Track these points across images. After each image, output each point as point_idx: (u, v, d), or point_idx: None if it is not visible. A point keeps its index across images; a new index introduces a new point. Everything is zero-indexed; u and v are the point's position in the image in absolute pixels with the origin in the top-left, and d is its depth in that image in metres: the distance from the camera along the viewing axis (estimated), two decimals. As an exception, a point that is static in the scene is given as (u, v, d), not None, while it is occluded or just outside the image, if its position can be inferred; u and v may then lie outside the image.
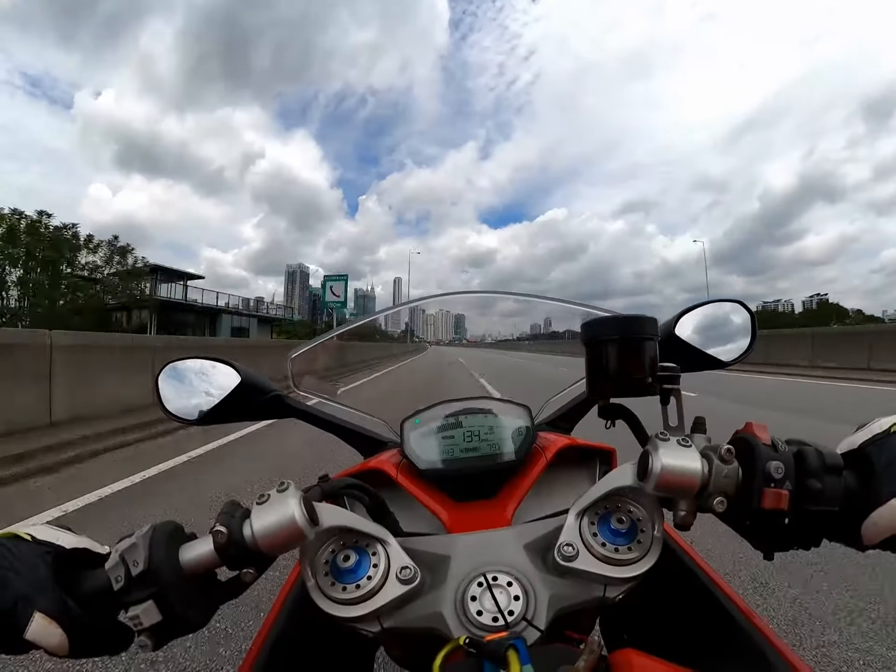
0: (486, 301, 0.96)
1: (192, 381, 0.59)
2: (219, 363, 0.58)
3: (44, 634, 0.27)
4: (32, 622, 0.27)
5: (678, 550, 0.47)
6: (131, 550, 0.30)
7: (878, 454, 0.30)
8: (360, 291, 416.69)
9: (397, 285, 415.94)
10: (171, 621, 0.29)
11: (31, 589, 0.28)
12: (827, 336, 11.20)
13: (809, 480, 0.30)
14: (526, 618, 0.33)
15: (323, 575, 0.35)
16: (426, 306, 0.87)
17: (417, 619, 0.34)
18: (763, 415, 4.61)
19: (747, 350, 0.59)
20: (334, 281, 24.49)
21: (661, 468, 0.31)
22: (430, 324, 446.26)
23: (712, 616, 0.42)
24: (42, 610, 0.27)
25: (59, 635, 0.28)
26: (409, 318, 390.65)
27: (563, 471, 0.54)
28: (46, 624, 0.27)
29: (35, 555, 0.29)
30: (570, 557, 0.35)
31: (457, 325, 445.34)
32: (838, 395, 6.36)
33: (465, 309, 12.31)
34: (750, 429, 0.33)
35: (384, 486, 0.50)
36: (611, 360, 0.38)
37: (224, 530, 0.31)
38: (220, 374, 0.58)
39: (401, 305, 0.77)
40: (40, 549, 0.29)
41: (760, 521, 0.31)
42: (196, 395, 0.58)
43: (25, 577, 0.28)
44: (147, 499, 2.64)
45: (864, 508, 0.30)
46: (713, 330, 0.59)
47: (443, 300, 0.74)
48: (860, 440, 0.32)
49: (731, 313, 0.60)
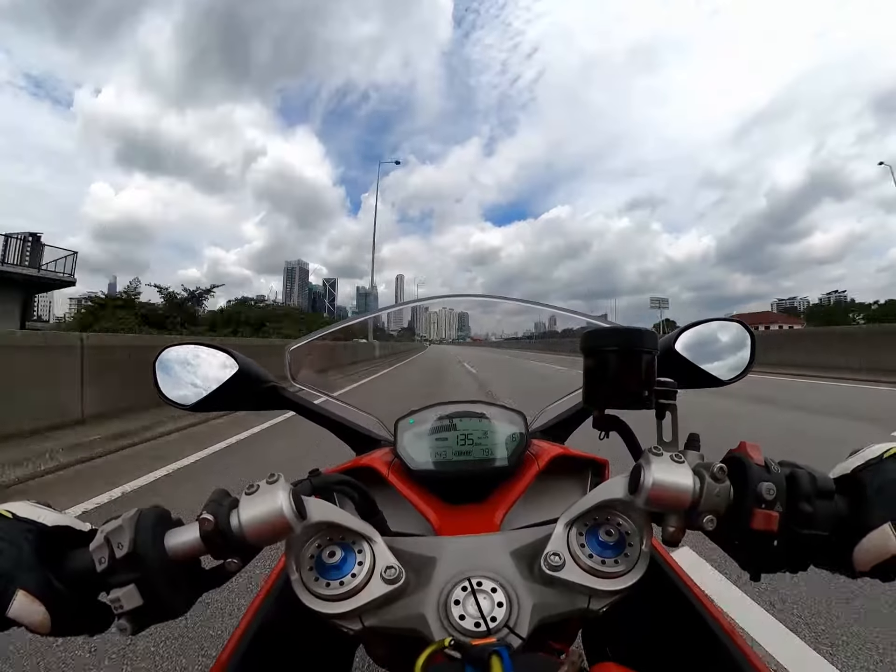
0: (489, 300, 0.97)
1: (189, 367, 0.59)
2: (217, 350, 0.58)
3: (27, 612, 0.27)
4: (15, 599, 0.27)
5: (665, 566, 0.47)
6: (116, 533, 0.29)
7: (870, 480, 0.30)
8: (361, 290, 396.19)
9: (400, 282, 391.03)
10: (151, 606, 0.29)
11: (13, 566, 0.27)
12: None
13: (801, 504, 0.30)
14: (508, 625, 0.33)
15: (307, 569, 0.34)
16: (429, 304, 0.87)
17: (399, 620, 0.34)
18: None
19: (745, 370, 0.59)
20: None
21: (652, 483, 0.31)
22: (434, 322, 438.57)
23: (695, 634, 0.42)
24: (24, 587, 0.27)
25: (42, 613, 0.28)
26: (412, 317, 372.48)
27: (554, 479, 0.54)
28: (29, 602, 0.27)
29: (17, 532, 0.29)
30: (557, 567, 0.34)
31: (461, 323, 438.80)
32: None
33: (468, 307, 12.01)
34: (743, 448, 0.33)
35: (375, 485, 0.50)
36: (608, 372, 0.38)
37: (211, 518, 0.30)
38: (218, 361, 0.58)
39: (396, 307, 0.78)
40: (22, 525, 0.29)
41: (749, 541, 0.31)
42: (193, 381, 0.58)
43: (7, 555, 0.28)
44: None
45: (855, 534, 0.30)
46: (713, 348, 0.59)
47: (445, 299, 0.74)
48: (853, 465, 0.32)
49: (732, 333, 0.60)
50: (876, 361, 8.29)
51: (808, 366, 9.38)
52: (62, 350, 4.02)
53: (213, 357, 0.58)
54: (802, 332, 15.63)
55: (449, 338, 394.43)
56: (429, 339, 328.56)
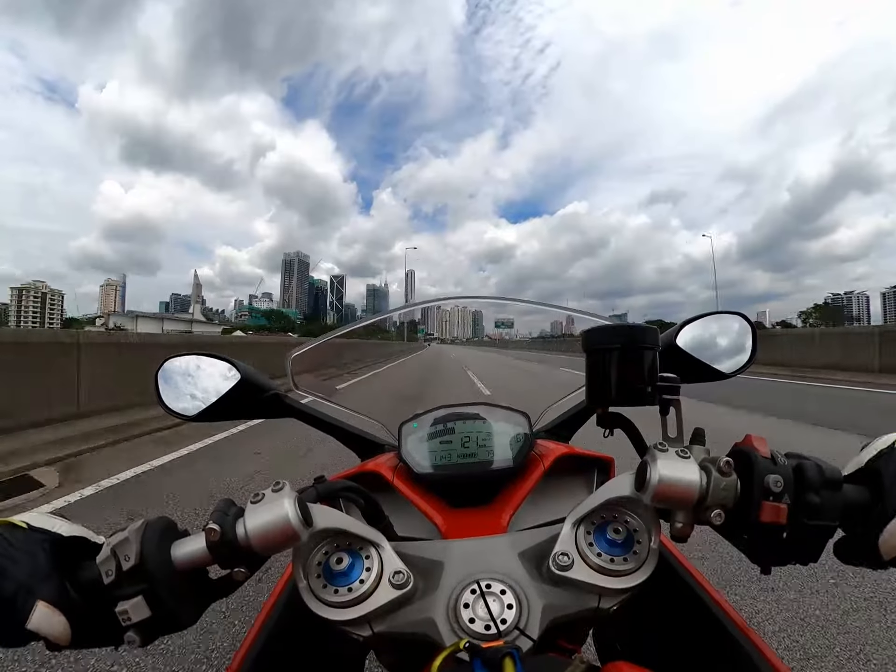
0: (489, 301, 0.96)
1: (191, 377, 0.59)
2: (218, 360, 0.58)
3: (47, 623, 0.27)
4: (35, 611, 0.26)
5: (674, 562, 0.47)
6: (123, 545, 0.29)
7: (885, 468, 0.30)
8: (370, 288, 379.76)
9: (410, 279, 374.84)
10: (160, 618, 0.29)
11: (31, 577, 0.27)
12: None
13: (808, 495, 0.30)
14: (519, 627, 0.32)
15: (315, 577, 0.34)
16: (441, 303, 0.86)
17: (409, 625, 0.34)
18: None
19: (748, 363, 0.59)
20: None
21: (658, 479, 0.31)
22: (446, 320, 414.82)
23: (707, 629, 0.41)
24: (44, 598, 0.27)
25: (63, 624, 0.27)
26: (423, 316, 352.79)
27: (560, 479, 0.54)
28: (50, 613, 0.27)
29: (33, 542, 0.29)
30: (565, 567, 0.34)
31: (474, 322, 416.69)
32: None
33: (482, 306, 11.32)
34: (749, 441, 0.33)
35: (380, 490, 0.50)
36: (611, 369, 0.38)
37: (217, 528, 0.30)
38: (220, 371, 0.58)
39: (393, 311, 0.78)
40: (37, 536, 0.29)
41: (758, 534, 0.31)
42: (195, 391, 0.58)
43: (25, 566, 0.27)
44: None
45: (876, 524, 0.29)
46: (714, 342, 0.59)
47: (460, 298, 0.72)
48: (867, 457, 0.32)
49: (733, 326, 0.60)
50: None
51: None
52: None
53: (215, 367, 0.58)
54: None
55: (463, 337, 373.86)
56: (441, 339, 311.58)
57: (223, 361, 0.58)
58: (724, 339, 0.60)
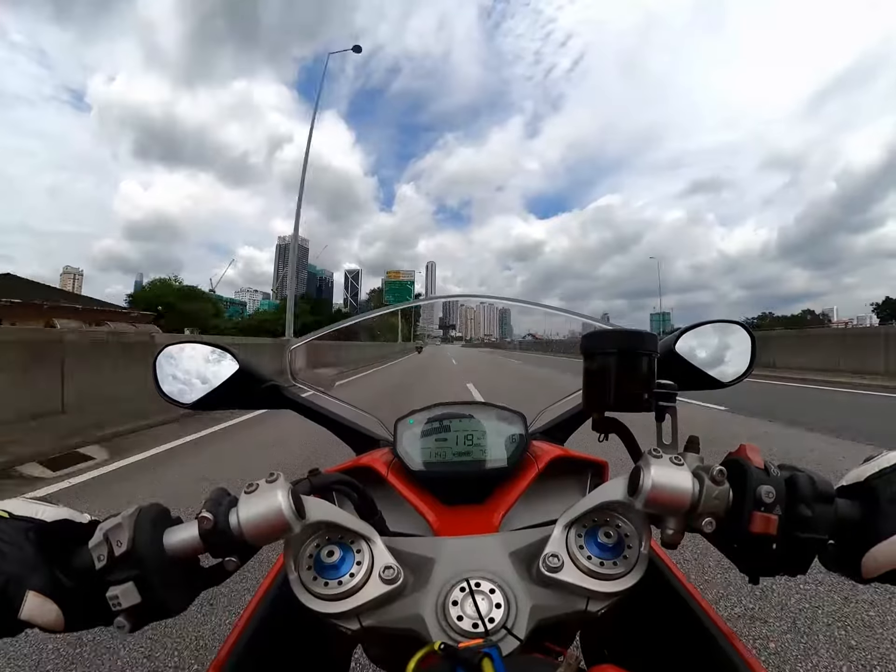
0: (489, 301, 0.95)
1: (190, 365, 0.59)
2: (217, 349, 0.58)
3: (39, 612, 0.27)
4: (26, 601, 0.26)
5: (663, 568, 0.47)
6: (115, 530, 0.29)
7: (883, 488, 0.30)
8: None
9: (431, 271, 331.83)
10: (149, 604, 0.29)
11: (19, 568, 0.27)
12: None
13: (800, 507, 0.30)
14: (506, 626, 0.33)
15: (306, 569, 0.34)
16: (466, 300, 0.87)
17: (397, 620, 0.34)
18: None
19: (746, 372, 0.59)
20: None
21: (651, 485, 0.31)
22: (471, 318, 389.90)
23: (693, 636, 0.42)
24: (34, 588, 0.27)
25: (55, 611, 0.27)
26: (445, 313, 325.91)
27: (554, 481, 0.54)
28: (41, 602, 0.27)
29: (17, 531, 0.29)
30: (555, 568, 0.34)
31: (502, 320, 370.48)
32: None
33: (508, 305, 10.98)
34: (743, 451, 0.33)
35: (374, 485, 0.50)
36: (608, 374, 0.38)
37: (210, 517, 0.30)
38: (219, 360, 0.58)
39: (390, 309, 0.78)
40: (21, 524, 0.29)
41: (748, 544, 0.31)
42: (193, 379, 0.58)
43: (11, 556, 0.27)
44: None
45: (865, 541, 0.30)
46: (713, 350, 0.59)
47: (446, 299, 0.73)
48: (867, 473, 0.32)
49: (732, 334, 0.60)
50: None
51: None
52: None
53: (214, 355, 0.58)
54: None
55: (488, 337, 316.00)
56: (467, 338, 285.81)
57: (222, 350, 0.58)
58: (723, 347, 0.60)
